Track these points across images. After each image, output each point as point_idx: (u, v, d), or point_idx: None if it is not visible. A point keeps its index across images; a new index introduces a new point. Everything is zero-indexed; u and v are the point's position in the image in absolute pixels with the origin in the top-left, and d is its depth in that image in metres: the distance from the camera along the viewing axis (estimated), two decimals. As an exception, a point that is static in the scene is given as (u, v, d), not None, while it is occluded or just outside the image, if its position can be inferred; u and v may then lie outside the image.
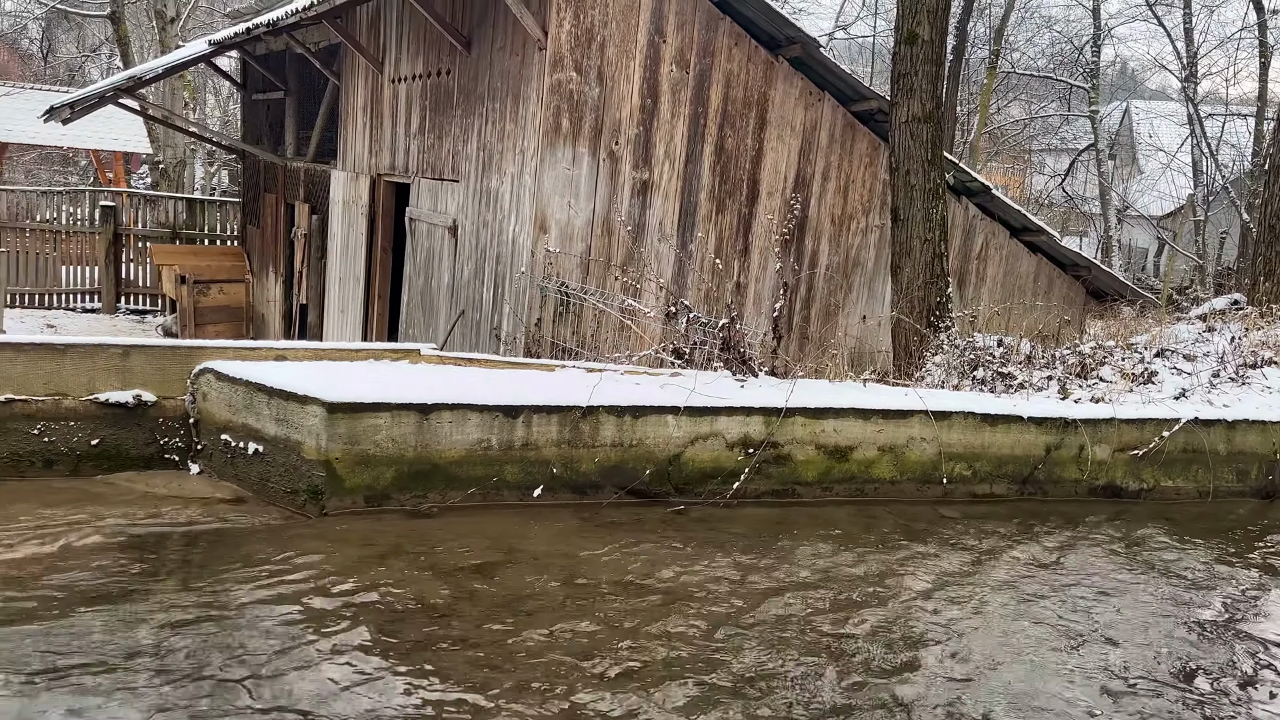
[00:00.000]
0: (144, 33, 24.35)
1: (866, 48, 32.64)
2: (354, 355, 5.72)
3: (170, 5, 21.08)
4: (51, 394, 4.97)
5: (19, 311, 17.92)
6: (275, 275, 15.92)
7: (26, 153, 30.72)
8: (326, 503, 4.77)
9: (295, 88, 14.84)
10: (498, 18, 8.51)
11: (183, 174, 22.37)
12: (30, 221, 18.40)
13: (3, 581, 3.82)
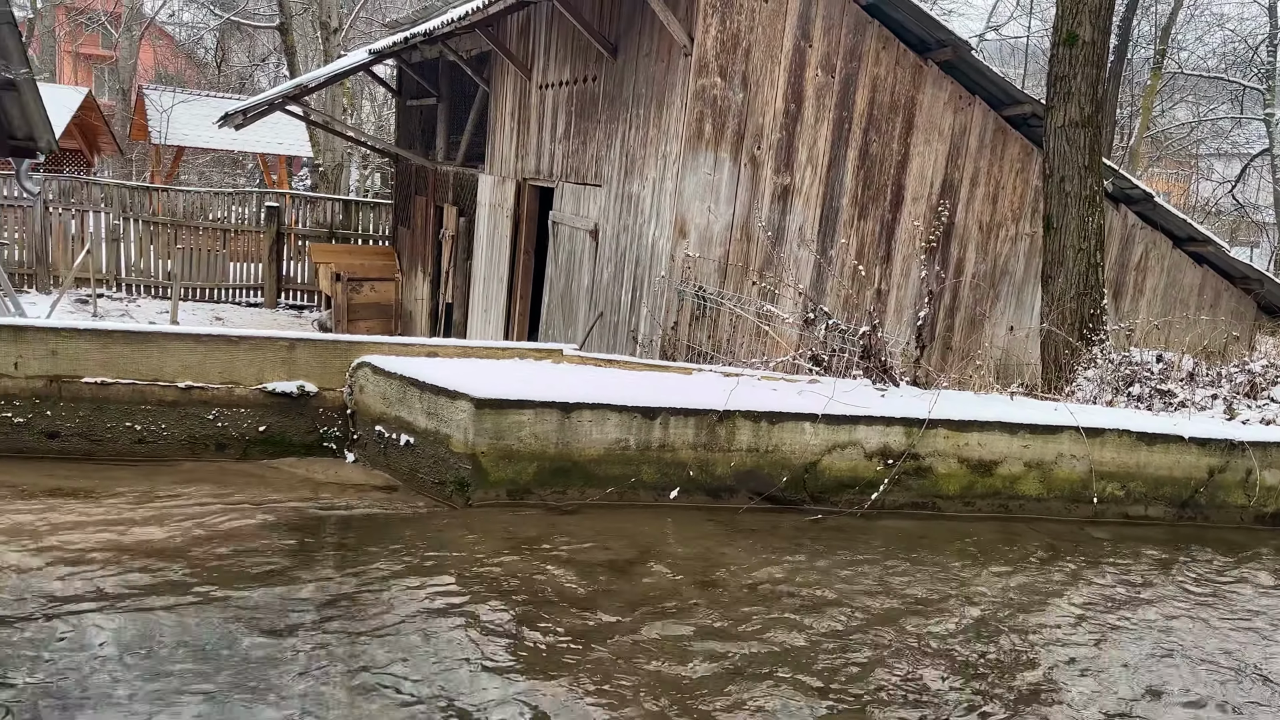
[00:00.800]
0: (309, 43, 25.80)
1: (1018, 48, 31.49)
2: (500, 354, 5.91)
3: (334, 16, 22.21)
4: (225, 383, 5.33)
5: (191, 304, 19.21)
6: (423, 274, 16.57)
7: (201, 156, 32.92)
8: (471, 494, 4.95)
9: (447, 94, 15.41)
10: (644, 25, 8.63)
11: (340, 177, 23.53)
12: (203, 221, 19.71)
13: (180, 555, 4.13)
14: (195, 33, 38.56)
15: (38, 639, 3.35)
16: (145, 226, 19.40)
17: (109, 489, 4.81)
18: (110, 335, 5.16)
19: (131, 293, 19.40)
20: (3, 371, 5.04)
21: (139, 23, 30.42)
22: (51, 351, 5.07)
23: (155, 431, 5.28)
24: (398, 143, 18.77)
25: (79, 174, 23.39)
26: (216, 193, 20.55)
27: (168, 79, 35.97)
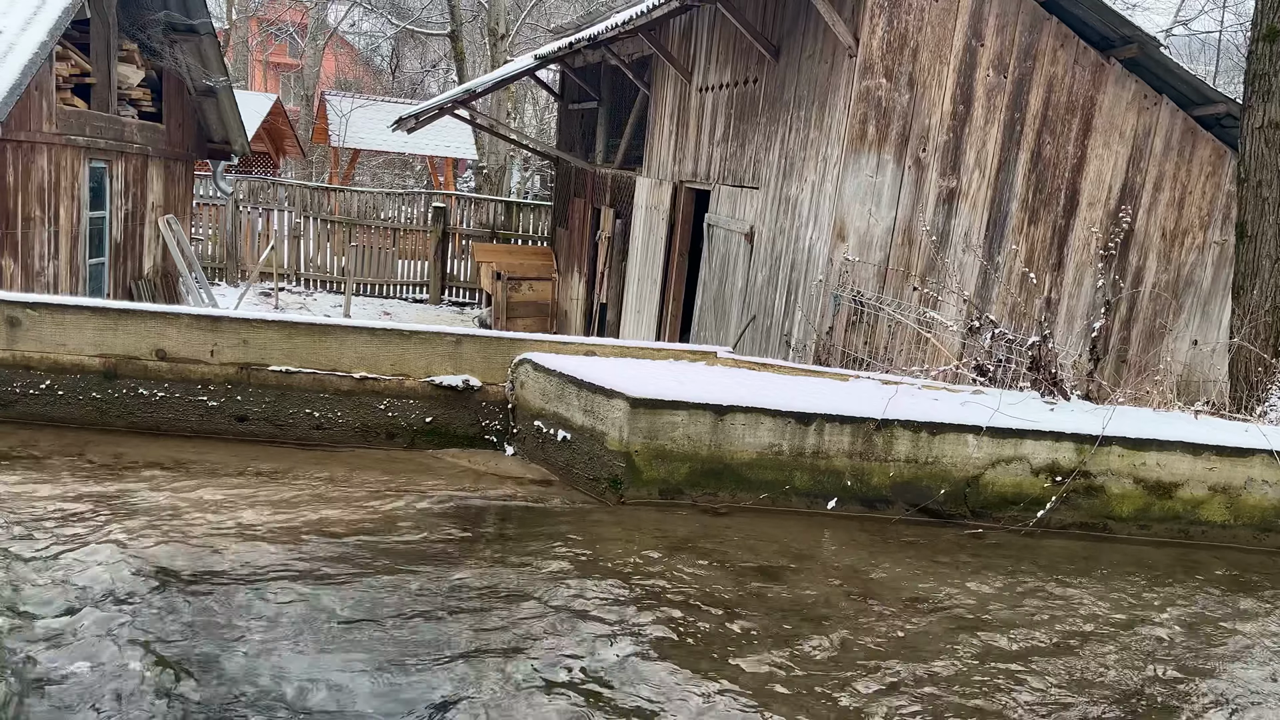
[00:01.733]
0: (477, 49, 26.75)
1: (1208, 44, 29.43)
2: (656, 354, 5.97)
3: (502, 23, 22.95)
4: (396, 374, 5.60)
5: (361, 299, 20.25)
6: (579, 275, 16.91)
7: (374, 158, 34.66)
8: (625, 492, 5.02)
9: (607, 98, 15.67)
10: (808, 26, 8.54)
11: (502, 179, 24.29)
12: (374, 220, 20.74)
13: (353, 535, 4.37)
14: (373, 41, 40.62)
15: (225, 605, 3.60)
16: (323, 225, 20.58)
17: (290, 471, 5.13)
18: (295, 327, 5.50)
19: (309, 287, 20.62)
20: (200, 358, 5.45)
21: (323, 33, 32.29)
22: (243, 341, 5.45)
23: (332, 419, 5.60)
24: (558, 146, 19.22)
25: (266, 175, 25.02)
26: (388, 193, 21.58)
27: (347, 85, 38.04)
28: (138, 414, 5.47)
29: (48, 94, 9.84)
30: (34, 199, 9.90)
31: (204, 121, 14.56)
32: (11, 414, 5.40)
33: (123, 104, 12.06)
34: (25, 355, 5.37)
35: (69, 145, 10.45)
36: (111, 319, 5.38)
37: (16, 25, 9.21)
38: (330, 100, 27.50)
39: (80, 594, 3.57)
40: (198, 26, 12.87)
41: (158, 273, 13.57)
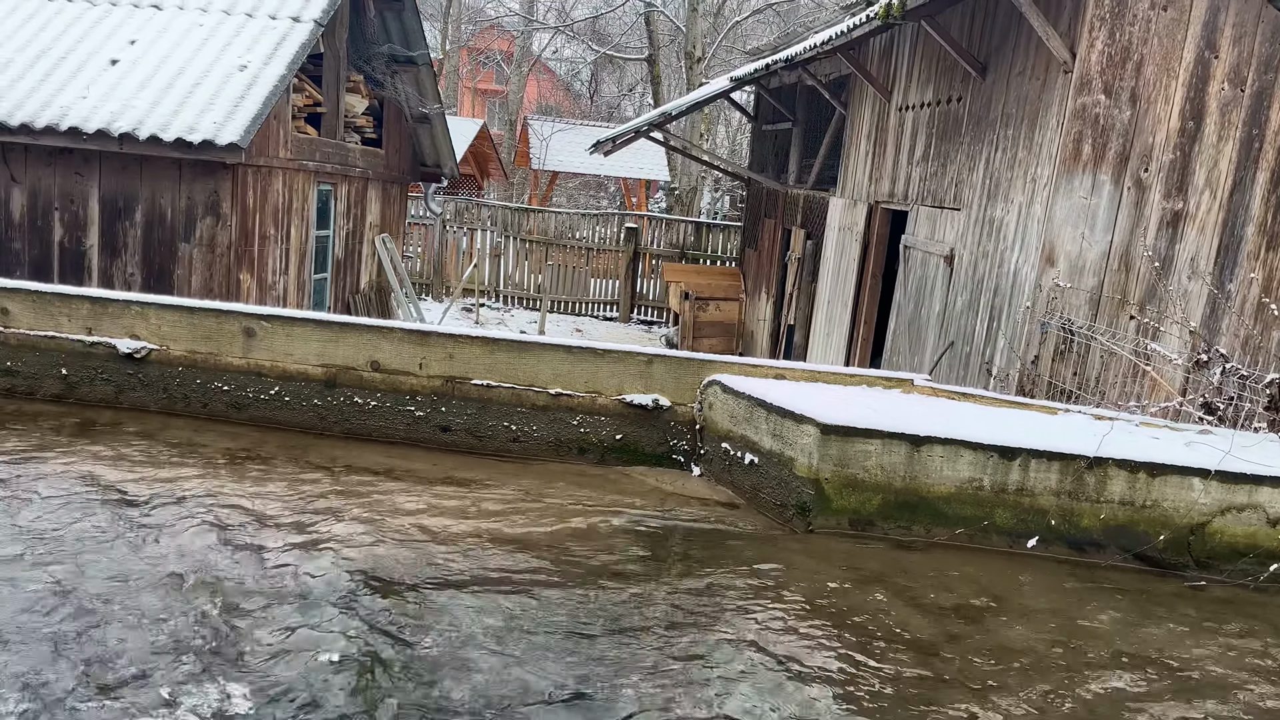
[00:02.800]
0: (672, 72, 27.23)
1: None
2: (848, 380, 5.84)
3: (698, 46, 23.25)
4: (589, 391, 5.73)
5: (555, 316, 20.93)
6: (766, 296, 16.82)
7: (571, 180, 35.83)
8: (813, 520, 4.93)
9: (802, 118, 15.55)
10: (1018, 41, 8.17)
11: (693, 199, 24.54)
12: (569, 239, 21.41)
13: (544, 547, 4.49)
14: (573, 67, 42.08)
15: (419, 608, 3.78)
16: (521, 244, 21.44)
17: (488, 481, 5.34)
18: (496, 343, 5.74)
19: (507, 303, 21.51)
20: (410, 370, 5.77)
21: (527, 60, 33.73)
22: (449, 355, 5.73)
23: (528, 432, 5.79)
24: (750, 166, 19.23)
25: (471, 196, 26.34)
26: (583, 214, 22.24)
27: (548, 110, 39.55)
28: (353, 421, 5.85)
29: (284, 123, 10.74)
30: (270, 219, 10.81)
31: (418, 146, 15.50)
32: (245, 416, 5.89)
33: (348, 131, 13.01)
34: (258, 363, 5.85)
35: (301, 170, 11.36)
36: (333, 332, 5.78)
37: (260, 60, 10.11)
38: (532, 124, 28.67)
39: (296, 590, 3.84)
40: (416, 58, 13.74)
41: (373, 287, 14.52)
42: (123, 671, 3.15)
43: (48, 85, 9.64)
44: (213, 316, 5.86)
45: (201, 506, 4.54)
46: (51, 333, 5.93)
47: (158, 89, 9.68)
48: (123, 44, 10.29)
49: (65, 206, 9.84)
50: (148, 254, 9.91)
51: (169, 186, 9.80)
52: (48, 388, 5.98)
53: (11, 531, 4.10)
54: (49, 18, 10.57)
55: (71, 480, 4.73)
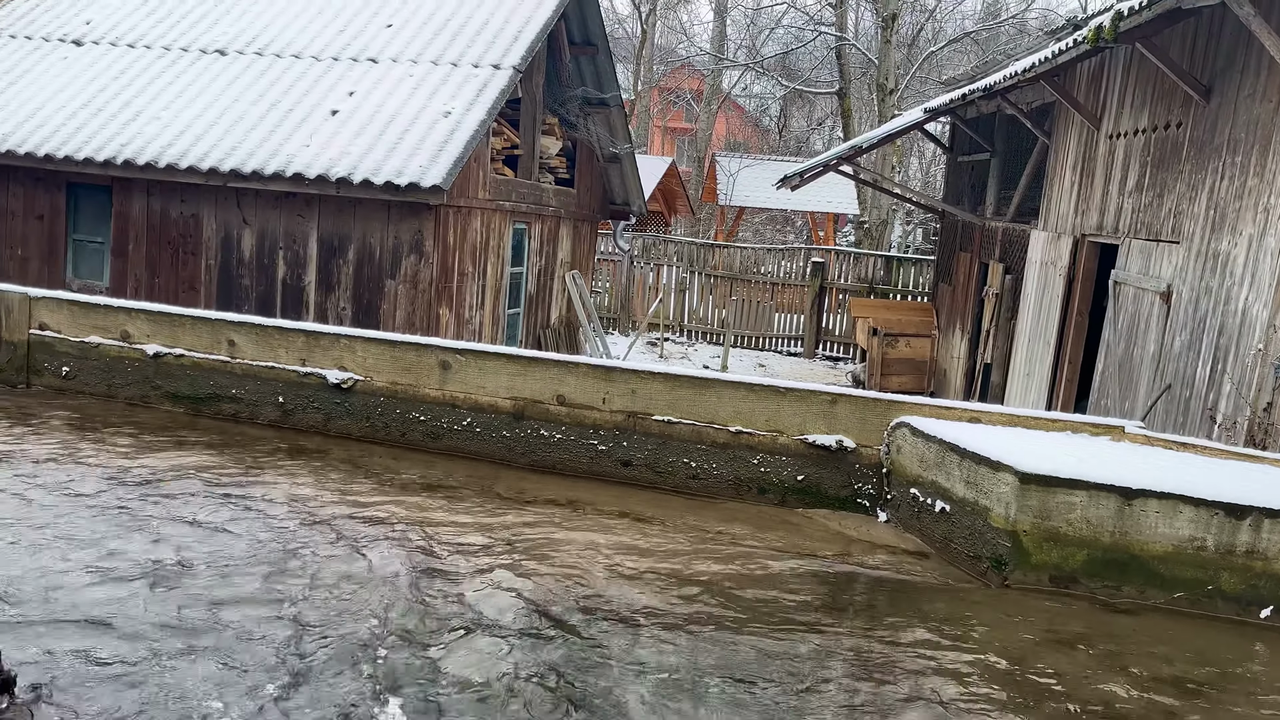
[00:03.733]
0: (863, 105, 26.82)
1: None
2: (1050, 425, 5.47)
3: (890, 78, 22.81)
4: (770, 430, 5.63)
5: (738, 351, 20.87)
6: (960, 332, 16.13)
7: (757, 215, 35.82)
8: (1009, 574, 4.62)
9: (1000, 148, 14.91)
10: (1247, 62, 7.51)
11: (883, 233, 23.99)
12: (754, 274, 21.34)
13: (721, 589, 4.41)
14: (763, 103, 42.21)
15: (593, 645, 3.78)
16: (706, 279, 21.56)
17: (667, 519, 5.32)
18: (678, 379, 5.74)
19: (690, 338, 21.64)
20: (594, 405, 5.86)
21: (717, 97, 34.11)
22: (632, 391, 5.78)
23: (707, 470, 5.75)
24: (944, 199, 18.60)
25: (658, 233, 26.78)
26: (768, 249, 22.14)
27: (735, 146, 39.81)
28: (538, 453, 5.99)
29: (484, 165, 11.28)
30: (468, 256, 11.35)
31: (608, 185, 15.91)
32: (439, 445, 6.15)
33: (542, 171, 13.52)
34: (452, 395, 6.10)
35: (498, 209, 11.87)
36: (522, 366, 5.95)
37: (462, 107, 10.67)
38: (720, 161, 28.91)
39: (475, 616, 3.93)
40: (608, 99, 14.14)
41: (562, 322, 14.95)
42: (302, 680, 3.31)
43: (276, 135, 10.53)
44: (412, 350, 6.16)
45: (395, 532, 4.75)
46: (271, 363, 6.40)
47: (371, 136, 10.38)
48: (342, 96, 11.12)
49: (288, 246, 10.68)
50: (358, 289, 10.59)
51: (378, 227, 10.46)
52: (266, 414, 6.45)
53: (231, 546, 4.41)
54: (280, 74, 11.57)
55: (282, 503, 5.06)
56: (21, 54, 12.16)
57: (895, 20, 23.08)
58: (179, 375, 6.57)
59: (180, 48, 12.09)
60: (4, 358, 6.86)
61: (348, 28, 12.19)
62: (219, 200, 10.71)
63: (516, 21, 11.87)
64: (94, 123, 10.84)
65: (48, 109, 11.07)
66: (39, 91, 11.41)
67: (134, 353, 6.63)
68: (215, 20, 12.53)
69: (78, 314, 6.76)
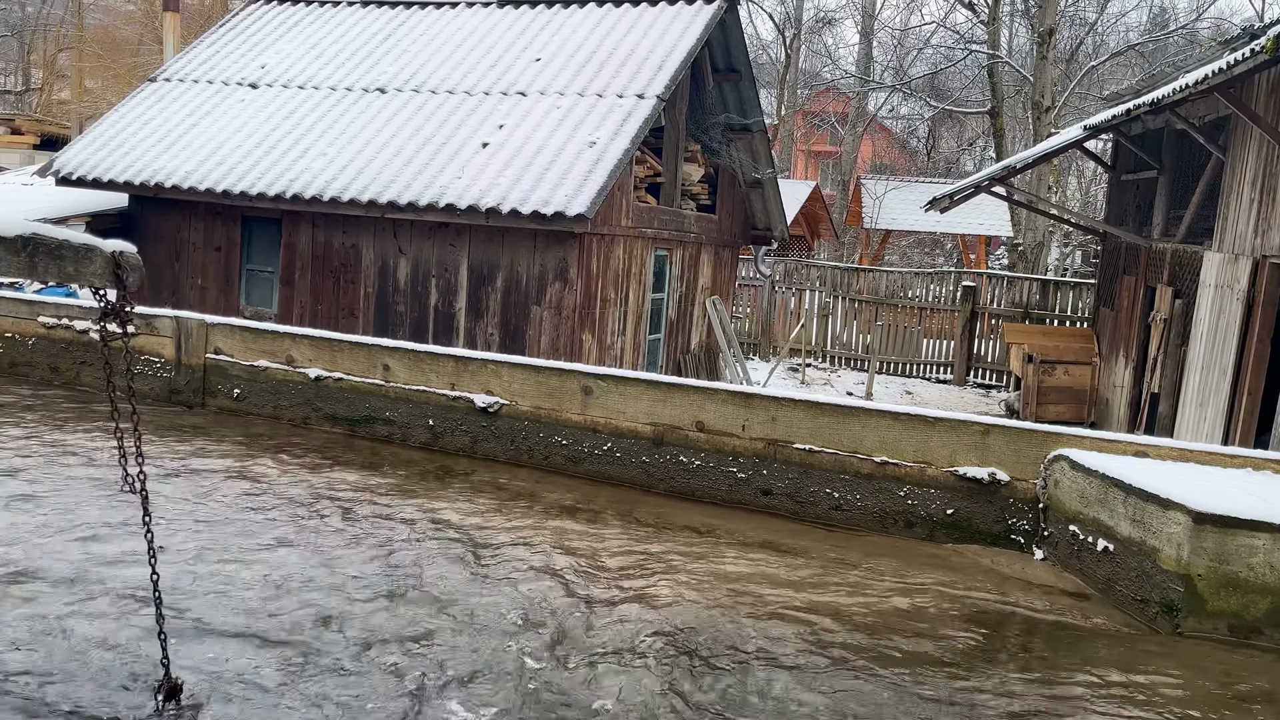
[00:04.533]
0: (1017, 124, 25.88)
1: None
2: (1227, 460, 5.07)
3: (1046, 95, 21.92)
4: (918, 461, 5.43)
5: (884, 378, 20.33)
6: (1124, 360, 15.24)
7: (904, 238, 34.99)
8: (1181, 621, 4.29)
9: (1169, 165, 14.07)
10: None
11: (1039, 255, 22.99)
12: (901, 299, 20.79)
13: (863, 625, 4.26)
14: (910, 124, 41.31)
15: (732, 676, 3.70)
16: (850, 304, 21.15)
17: (809, 550, 5.20)
18: (820, 407, 5.62)
19: (833, 364, 21.24)
20: (733, 432, 5.80)
21: (862, 120, 33.61)
22: (772, 418, 5.70)
23: (850, 501, 5.59)
24: (1106, 219, 17.67)
25: (801, 257, 26.50)
26: (916, 273, 21.55)
27: (882, 168, 39.08)
28: (677, 479, 5.97)
29: (626, 193, 11.43)
30: (610, 284, 11.50)
31: (750, 210, 15.85)
32: (580, 469, 6.22)
33: (684, 198, 13.59)
34: (594, 420, 6.17)
35: (640, 236, 12.00)
36: (662, 392, 5.96)
37: (607, 136, 10.86)
38: (865, 184, 28.41)
39: (613, 642, 3.92)
40: (751, 125, 14.11)
41: (702, 348, 14.95)
42: (441, 697, 3.37)
43: (431, 168, 10.97)
44: (556, 375, 6.27)
45: (536, 554, 4.82)
46: (422, 387, 6.63)
47: (519, 167, 10.69)
48: (493, 129, 11.50)
49: (440, 274, 11.09)
50: (505, 316, 10.89)
51: (525, 255, 10.74)
52: (417, 436, 6.68)
53: (383, 567, 4.57)
54: (435, 109, 12.07)
55: (429, 524, 5.22)
56: (204, 97, 13.12)
57: (1052, 36, 22.19)
58: (338, 397, 6.89)
59: (345, 87, 12.78)
60: (183, 380, 7.36)
61: (498, 63, 12.62)
62: (377, 231, 11.23)
63: (661, 51, 12.01)
64: (266, 160, 11.57)
65: (226, 148, 11.89)
66: (219, 132, 12.27)
67: (298, 376, 7.00)
68: (377, 60, 13.20)
69: (248, 340, 7.19)
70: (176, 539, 4.63)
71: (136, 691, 3.28)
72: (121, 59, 30.40)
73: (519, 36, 13.21)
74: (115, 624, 3.74)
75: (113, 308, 2.81)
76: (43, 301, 7.93)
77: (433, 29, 13.81)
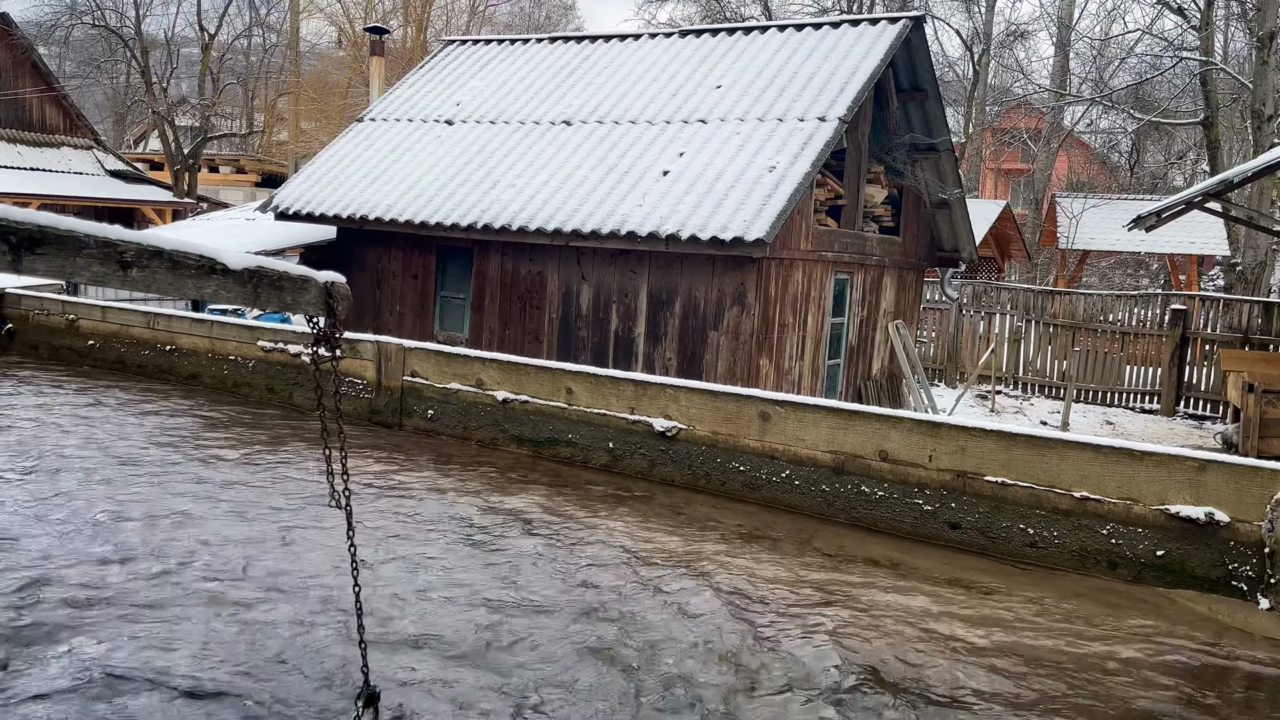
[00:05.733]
0: (1234, 134, 23.92)
1: None
2: None
3: (1269, 103, 20.18)
4: (1123, 498, 5.07)
5: (1081, 406, 19.14)
6: (1366, 391, 13.73)
7: (1104, 258, 32.94)
8: None
9: None
10: None
11: (1261, 276, 21.11)
12: (1101, 323, 19.55)
13: (1061, 675, 3.99)
14: (1111, 138, 38.99)
15: None
16: (1044, 328, 20.06)
17: (1000, 589, 4.93)
18: (1014, 438, 5.35)
19: (1026, 391, 20.18)
20: (919, 462, 5.60)
21: (1057, 135, 32.00)
22: (961, 448, 5.46)
23: (1046, 538, 5.28)
24: (1341, 236, 16.02)
25: (990, 279, 25.42)
26: (1117, 295, 20.22)
27: (1078, 185, 37.02)
28: (858, 510, 5.81)
29: (806, 216, 11.31)
30: (788, 308, 11.39)
31: (935, 231, 15.35)
32: (757, 496, 6.16)
33: (866, 221, 13.31)
34: (772, 446, 6.10)
35: (819, 260, 11.84)
36: (843, 419, 5.83)
37: (787, 161, 10.80)
38: (1060, 202, 26.98)
39: (792, 673, 3.84)
40: (937, 144, 13.69)
41: (883, 374, 14.54)
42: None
43: (613, 197, 11.24)
44: (733, 400, 6.25)
45: (714, 581, 4.79)
46: (603, 410, 6.77)
47: (699, 193, 10.78)
48: (673, 156, 11.66)
49: (620, 300, 11.31)
50: (683, 341, 10.97)
51: (703, 280, 10.80)
52: (598, 458, 6.81)
53: (565, 587, 4.67)
54: (617, 139, 12.37)
55: (608, 546, 5.29)
56: (404, 134, 13.98)
57: (1274, 40, 20.43)
58: (523, 419, 7.12)
59: (533, 121, 13.31)
60: (383, 401, 7.81)
61: (679, 92, 12.81)
62: (562, 258, 11.59)
63: (843, 73, 11.86)
64: (460, 192, 12.18)
65: (424, 181, 12.60)
66: (417, 166, 13.03)
67: (486, 398, 7.29)
68: (564, 94, 13.68)
69: (442, 363, 7.55)
70: (375, 553, 4.89)
71: (337, 698, 3.48)
72: (333, 101, 32.88)
73: (700, 65, 13.37)
74: (318, 632, 3.99)
75: (324, 334, 3.01)
76: (261, 326, 8.63)
77: (617, 60, 14.19)
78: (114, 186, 25.36)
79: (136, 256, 2.37)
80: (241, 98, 38.15)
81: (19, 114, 25.06)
